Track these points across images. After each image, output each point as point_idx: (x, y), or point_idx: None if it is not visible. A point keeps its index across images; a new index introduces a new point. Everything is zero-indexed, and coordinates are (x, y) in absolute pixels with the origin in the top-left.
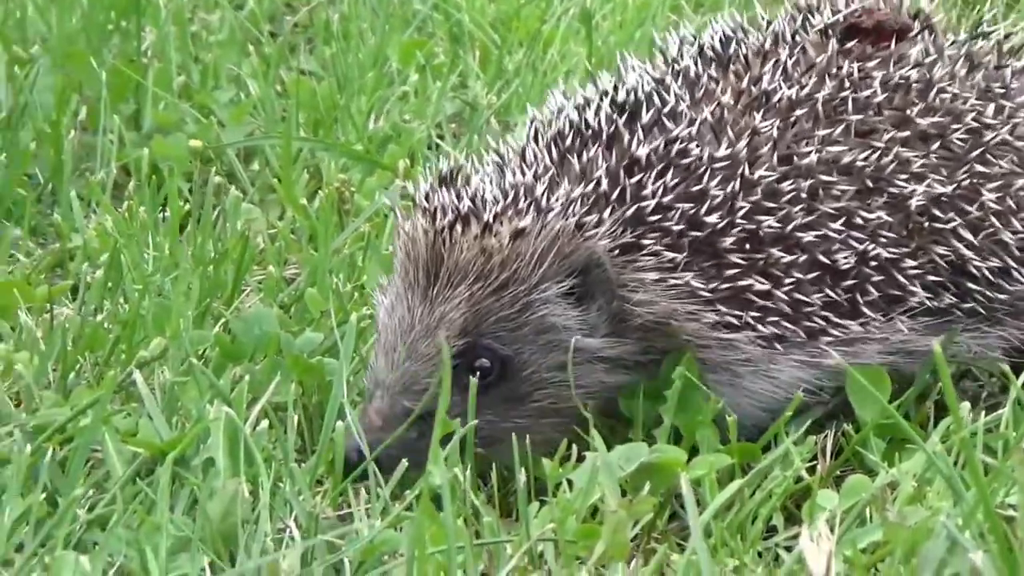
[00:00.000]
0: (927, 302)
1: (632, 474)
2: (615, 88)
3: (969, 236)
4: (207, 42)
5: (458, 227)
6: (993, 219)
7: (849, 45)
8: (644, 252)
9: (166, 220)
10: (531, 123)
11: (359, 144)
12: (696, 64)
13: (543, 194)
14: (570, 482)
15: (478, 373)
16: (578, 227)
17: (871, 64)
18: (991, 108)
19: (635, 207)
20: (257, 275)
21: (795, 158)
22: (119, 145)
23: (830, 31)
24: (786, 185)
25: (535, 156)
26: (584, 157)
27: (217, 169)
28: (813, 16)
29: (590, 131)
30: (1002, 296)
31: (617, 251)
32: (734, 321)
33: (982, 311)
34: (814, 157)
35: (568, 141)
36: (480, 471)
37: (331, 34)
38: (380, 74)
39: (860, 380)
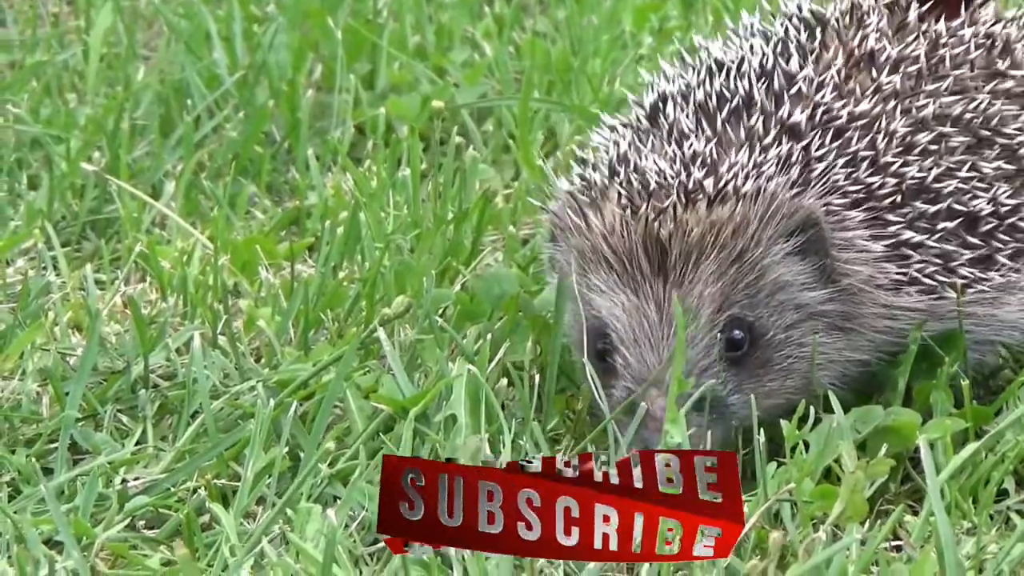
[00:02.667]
0: None
1: (868, 436)
2: (738, 57)
3: None
4: (441, 2)
5: (677, 206)
6: None
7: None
8: (843, 213)
9: (403, 179)
10: (653, 92)
11: (594, 106)
12: (795, 31)
13: (731, 161)
14: (806, 444)
15: (735, 346)
16: (791, 186)
17: (955, 23)
18: None
19: (816, 170)
20: (490, 235)
21: (914, 111)
22: (354, 104)
23: (901, 1)
24: (919, 137)
25: (686, 127)
26: (744, 124)
27: (450, 130)
28: None
29: (737, 98)
30: None
31: (824, 211)
32: (902, 277)
33: None
34: (930, 110)
35: (720, 109)
36: None
37: None
38: (614, 37)
39: None
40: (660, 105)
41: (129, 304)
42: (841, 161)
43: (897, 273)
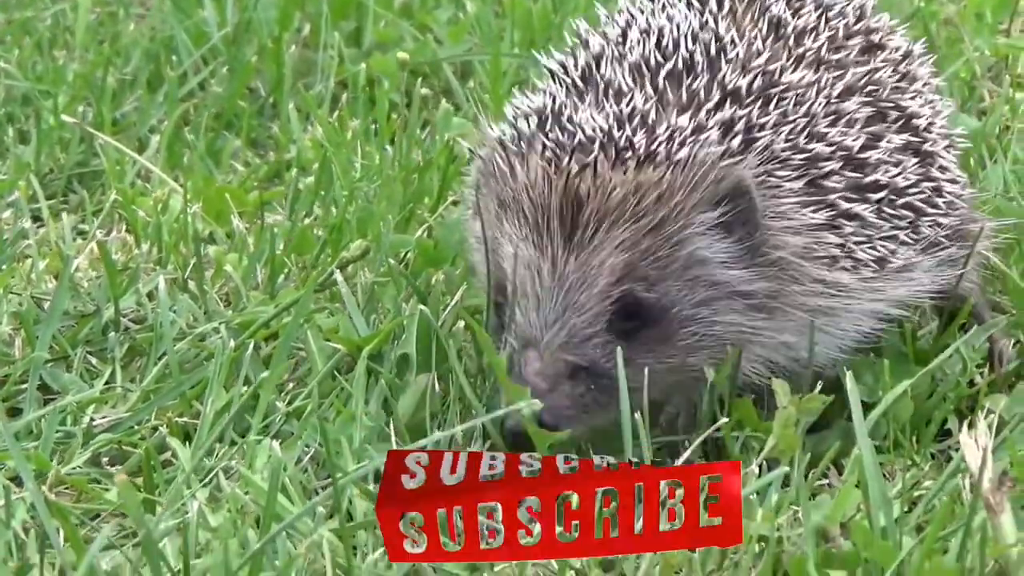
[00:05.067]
0: (933, 232)
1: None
2: (661, 24)
3: (946, 159)
4: None
5: (603, 164)
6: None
7: None
8: (778, 181)
9: (377, 132)
10: (584, 48)
11: None
12: (701, 4)
13: (672, 122)
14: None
15: (636, 319)
16: (727, 156)
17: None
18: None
19: (754, 138)
20: (461, 185)
21: (830, 81)
22: (339, 61)
23: None
24: (846, 106)
25: (622, 85)
26: (684, 87)
27: (434, 86)
28: None
29: (675, 60)
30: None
31: (758, 179)
32: (837, 251)
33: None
34: (849, 79)
35: (658, 71)
36: None
37: None
38: None
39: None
40: (593, 64)
41: (99, 249)
42: (785, 130)
43: (835, 245)
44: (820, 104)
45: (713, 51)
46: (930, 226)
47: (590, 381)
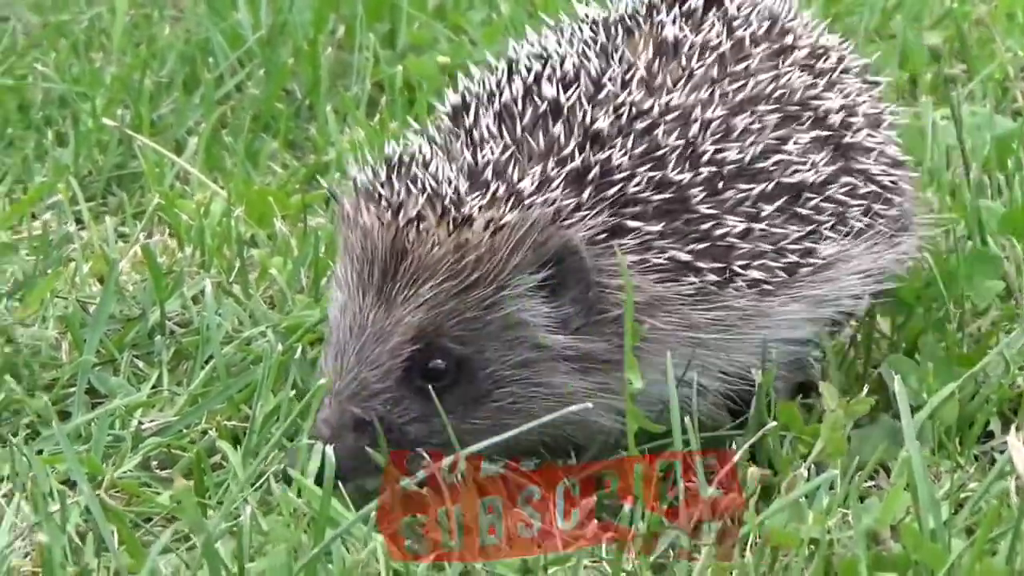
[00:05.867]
0: (859, 224)
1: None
2: (541, 57)
3: (870, 143)
4: None
5: (429, 220)
6: (878, 131)
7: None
8: (625, 233)
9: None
10: (462, 94)
11: None
12: (598, 32)
13: (516, 179)
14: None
15: (433, 376)
16: (558, 213)
17: (729, 8)
18: (823, 37)
19: (608, 184)
20: None
21: (730, 94)
22: (374, 63)
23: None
24: (736, 120)
25: (487, 132)
26: (544, 133)
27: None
28: None
29: (544, 104)
30: (894, 212)
31: (600, 235)
32: (717, 277)
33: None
34: (746, 92)
35: (523, 116)
36: None
37: None
38: None
39: None
40: (462, 106)
41: (144, 253)
42: (647, 166)
43: (714, 273)
44: (706, 124)
45: (589, 87)
46: (862, 214)
47: (384, 435)
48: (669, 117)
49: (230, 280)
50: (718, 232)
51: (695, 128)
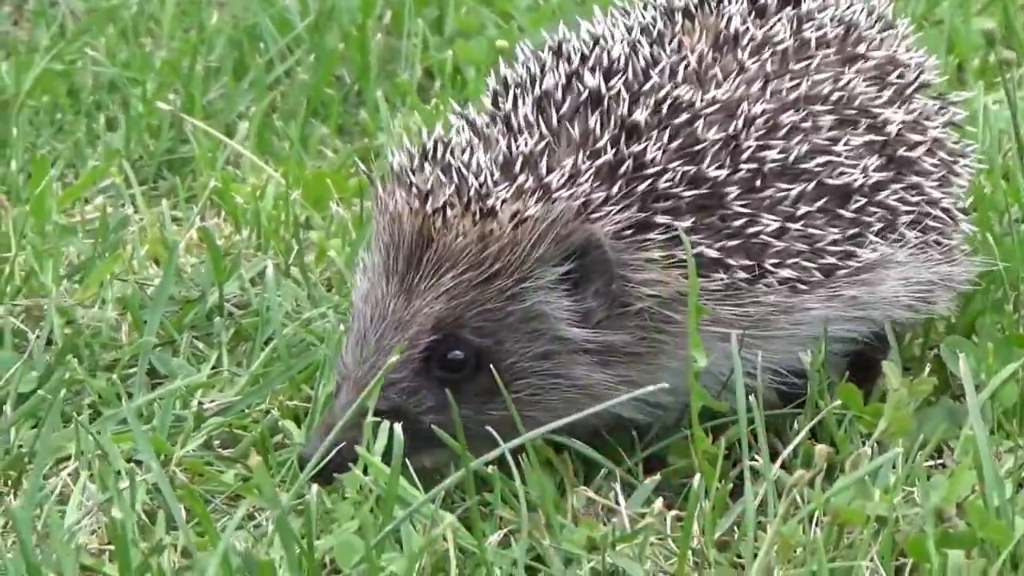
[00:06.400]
0: (909, 234)
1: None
2: (591, 43)
3: (930, 165)
4: None
5: (456, 209)
6: (943, 155)
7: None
8: (653, 228)
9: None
10: (503, 80)
11: None
12: (657, 19)
13: (546, 170)
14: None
15: (452, 367)
16: (584, 206)
17: (813, 6)
18: (905, 52)
19: (640, 178)
20: None
21: (784, 92)
22: (422, 48)
23: None
24: (784, 117)
25: (525, 120)
26: (580, 124)
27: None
28: None
29: (585, 93)
30: (949, 243)
31: (627, 230)
32: (747, 275)
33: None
34: (801, 90)
35: (561, 105)
36: None
37: None
38: None
39: None
40: (503, 92)
41: (203, 235)
42: (681, 161)
43: (744, 271)
44: (751, 119)
45: (635, 77)
46: (913, 224)
47: (401, 424)
48: (711, 110)
49: (288, 262)
50: (752, 230)
51: (739, 123)
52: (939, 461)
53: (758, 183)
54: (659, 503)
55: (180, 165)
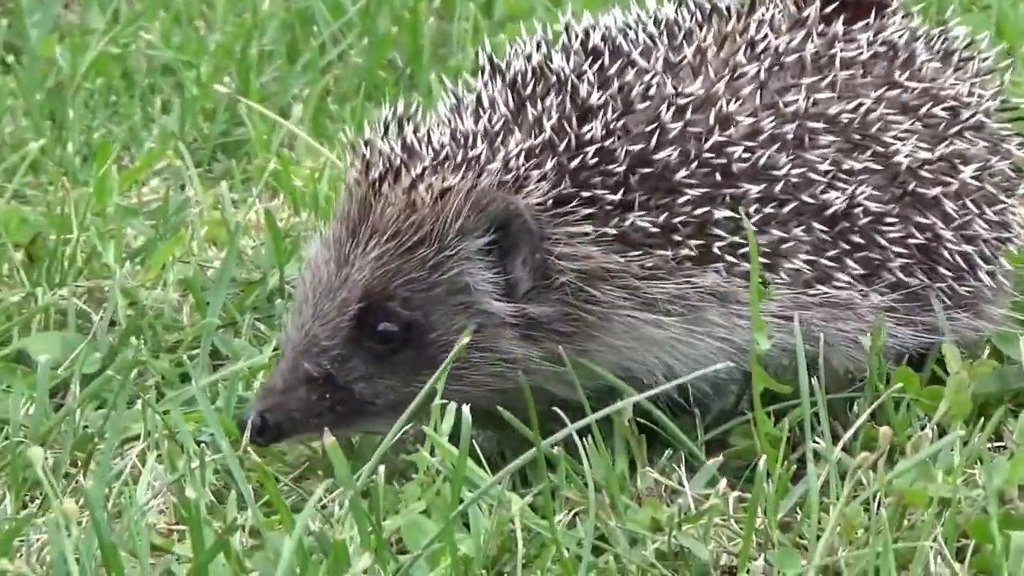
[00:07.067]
0: (900, 276)
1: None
2: (587, 31)
3: (950, 208)
4: None
5: (389, 179)
6: (969, 202)
7: (824, 15)
8: (580, 202)
9: None
10: (489, 61)
11: None
12: (679, 14)
13: (486, 146)
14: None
15: (382, 338)
16: (515, 181)
17: (857, 27)
18: (965, 88)
19: (579, 155)
20: None
21: (781, 105)
22: (473, 32)
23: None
24: (769, 126)
25: (492, 100)
26: (540, 105)
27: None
28: None
29: (554, 76)
30: (964, 289)
31: (551, 203)
32: (693, 253)
33: (947, 299)
34: (801, 104)
35: (527, 86)
36: None
37: None
38: None
39: None
40: (486, 71)
41: (265, 217)
42: (624, 140)
43: (689, 249)
44: (726, 117)
45: (617, 63)
46: (914, 267)
47: (331, 392)
48: (683, 101)
49: None
50: (699, 211)
51: (710, 118)
52: (999, 444)
53: (718, 176)
54: (723, 484)
55: (234, 148)
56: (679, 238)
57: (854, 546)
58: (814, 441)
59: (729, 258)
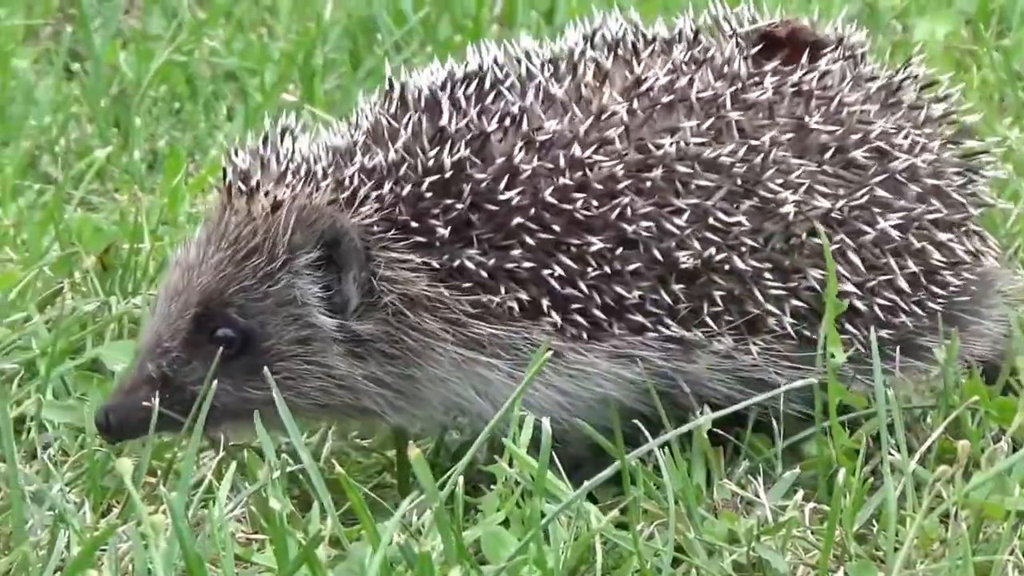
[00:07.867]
0: (789, 328)
1: None
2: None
3: (857, 261)
4: None
5: (236, 189)
6: (888, 254)
7: (758, 54)
8: (410, 230)
9: None
10: (388, 84)
11: None
12: (581, 48)
13: (336, 162)
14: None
15: (220, 343)
16: (351, 198)
17: (767, 67)
18: (901, 136)
19: (419, 181)
20: None
21: (651, 147)
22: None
23: (743, 40)
24: (626, 172)
25: (374, 116)
26: (399, 126)
27: None
28: (729, 24)
29: (423, 100)
30: (885, 333)
31: (378, 226)
32: (525, 301)
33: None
34: (673, 149)
35: (394, 107)
36: None
37: None
38: None
39: None
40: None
41: None
42: (472, 173)
43: (514, 301)
44: (578, 162)
45: (499, 87)
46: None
47: (170, 393)
48: (542, 139)
49: None
50: (527, 265)
51: (561, 161)
52: None
53: (558, 226)
54: (799, 495)
55: None
56: (513, 285)
57: (931, 559)
58: (889, 453)
59: (555, 315)
